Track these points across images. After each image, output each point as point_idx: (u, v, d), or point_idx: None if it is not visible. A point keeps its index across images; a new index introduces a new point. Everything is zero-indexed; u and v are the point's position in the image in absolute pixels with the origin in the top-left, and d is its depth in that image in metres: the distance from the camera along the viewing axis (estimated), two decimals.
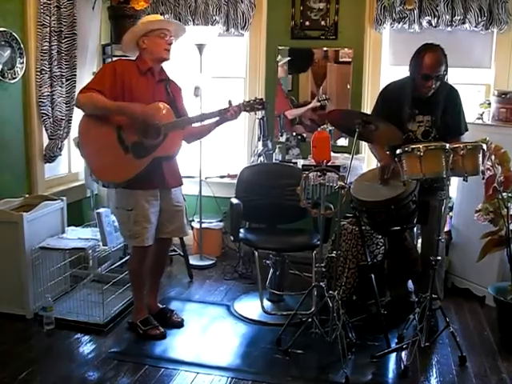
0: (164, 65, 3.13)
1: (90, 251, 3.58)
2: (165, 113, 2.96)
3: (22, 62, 3.71)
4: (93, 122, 2.97)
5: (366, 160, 4.40)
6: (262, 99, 3.07)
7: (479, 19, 3.99)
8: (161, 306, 3.42)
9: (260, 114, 4.09)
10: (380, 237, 3.52)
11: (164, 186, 3.11)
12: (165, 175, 3.08)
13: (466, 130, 3.27)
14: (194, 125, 3.14)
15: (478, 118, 3.91)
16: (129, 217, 3.04)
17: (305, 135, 4.59)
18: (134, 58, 3.11)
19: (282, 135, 4.63)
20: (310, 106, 4.55)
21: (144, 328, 3.16)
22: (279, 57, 4.55)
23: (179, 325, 3.32)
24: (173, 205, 3.18)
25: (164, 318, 3.33)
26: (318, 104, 4.51)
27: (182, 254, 4.25)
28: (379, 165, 3.23)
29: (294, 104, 4.59)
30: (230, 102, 3.00)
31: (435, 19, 4.07)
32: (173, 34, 3.05)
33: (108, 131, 2.96)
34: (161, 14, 4.46)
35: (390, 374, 2.85)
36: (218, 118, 3.06)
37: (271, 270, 3.68)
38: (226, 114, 3.00)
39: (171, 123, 2.96)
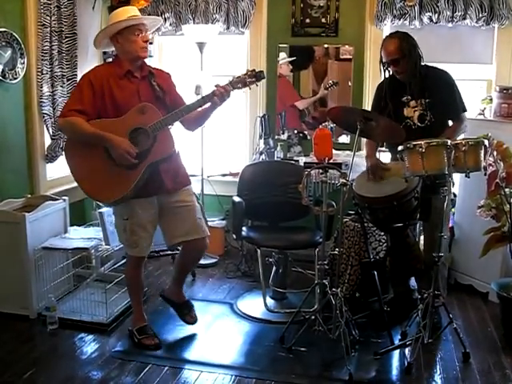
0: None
1: (93, 251, 3.60)
2: (147, 114, 2.78)
3: (23, 63, 3.71)
4: (78, 144, 2.86)
5: None
6: (254, 70, 2.76)
7: (480, 15, 3.98)
8: (186, 298, 3.33)
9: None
10: (382, 234, 3.52)
11: (164, 192, 2.95)
12: (163, 180, 2.91)
13: (464, 111, 3.18)
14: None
15: (480, 114, 3.90)
16: (125, 226, 2.95)
17: (306, 133, 4.59)
18: (111, 60, 2.99)
19: (283, 133, 4.62)
20: (318, 95, 4.53)
21: (139, 337, 3.06)
22: (283, 55, 4.54)
23: (191, 322, 3.28)
24: (176, 206, 3.00)
25: (184, 310, 3.27)
26: (326, 92, 4.50)
27: None
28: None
29: None
30: (216, 86, 2.78)
31: (436, 15, 4.06)
32: (148, 28, 2.88)
33: (94, 149, 2.81)
34: (161, 13, 4.47)
35: (394, 371, 2.85)
36: (209, 104, 2.82)
37: (274, 268, 3.68)
38: (213, 98, 2.77)
39: (157, 123, 2.76)
